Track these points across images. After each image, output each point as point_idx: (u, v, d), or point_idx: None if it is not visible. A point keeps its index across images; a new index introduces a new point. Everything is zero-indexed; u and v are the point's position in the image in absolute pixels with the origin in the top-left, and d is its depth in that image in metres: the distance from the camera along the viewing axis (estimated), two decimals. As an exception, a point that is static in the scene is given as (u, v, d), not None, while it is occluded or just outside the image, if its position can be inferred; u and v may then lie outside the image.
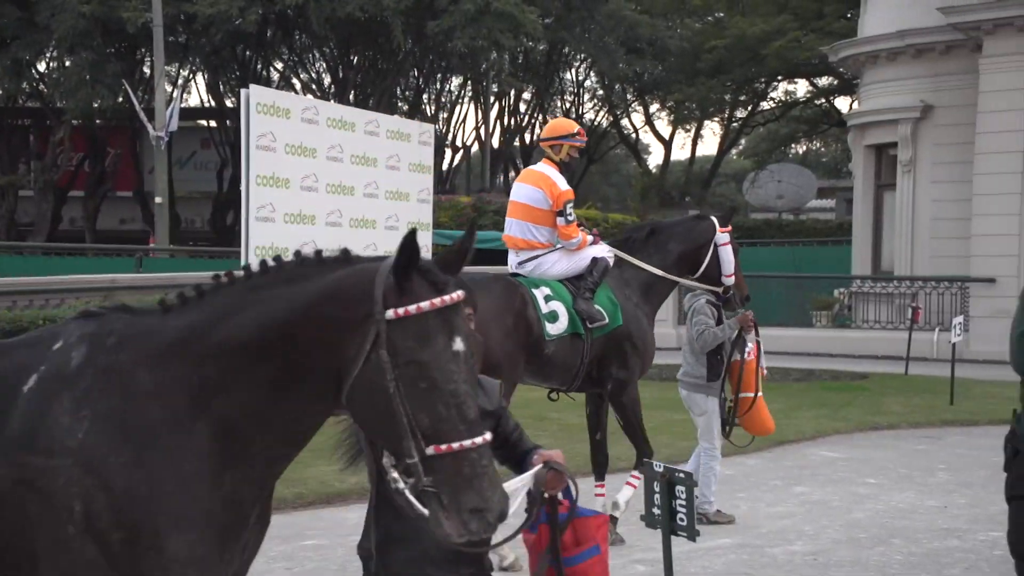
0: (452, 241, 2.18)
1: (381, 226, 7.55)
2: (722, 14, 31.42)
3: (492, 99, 31.73)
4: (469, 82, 33.60)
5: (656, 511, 3.41)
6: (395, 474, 2.05)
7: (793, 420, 9.62)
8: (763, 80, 31.82)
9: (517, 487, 2.45)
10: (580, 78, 37.03)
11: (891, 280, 18.04)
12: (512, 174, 40.39)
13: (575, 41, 28.81)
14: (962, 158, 17.45)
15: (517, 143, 37.06)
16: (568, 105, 37.73)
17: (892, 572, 5.26)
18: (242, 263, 6.26)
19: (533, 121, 37.55)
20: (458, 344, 2.03)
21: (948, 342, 12.00)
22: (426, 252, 7.77)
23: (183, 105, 27.70)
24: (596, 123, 38.68)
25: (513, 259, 5.69)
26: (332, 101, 25.61)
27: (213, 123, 32.08)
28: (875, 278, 18.58)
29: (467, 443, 1.99)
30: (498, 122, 35.51)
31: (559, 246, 5.59)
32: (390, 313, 2.00)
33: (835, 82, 30.22)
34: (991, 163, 16.83)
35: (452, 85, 35.71)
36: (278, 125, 6.65)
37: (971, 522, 6.17)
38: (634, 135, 41.19)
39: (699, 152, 50.71)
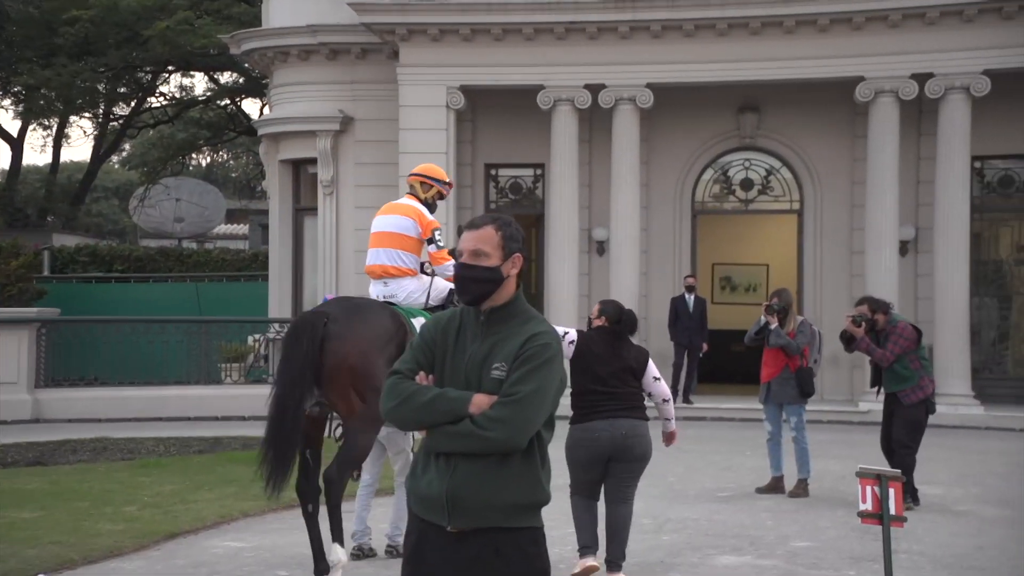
0: None
1: None
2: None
3: None
4: None
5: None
6: None
7: (191, 505, 9.58)
8: (149, 69, 31.73)
9: None
10: None
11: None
12: None
13: None
14: (387, 181, 18.86)
15: None
16: None
17: None
18: None
19: None
20: None
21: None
22: None
23: None
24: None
25: (377, 289, 7.56)
26: None
27: None
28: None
29: None
30: None
31: (427, 273, 7.60)
32: None
33: (241, 80, 31.35)
34: (414, 186, 18.71)
35: None
36: None
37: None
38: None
39: (66, 157, 48.74)
